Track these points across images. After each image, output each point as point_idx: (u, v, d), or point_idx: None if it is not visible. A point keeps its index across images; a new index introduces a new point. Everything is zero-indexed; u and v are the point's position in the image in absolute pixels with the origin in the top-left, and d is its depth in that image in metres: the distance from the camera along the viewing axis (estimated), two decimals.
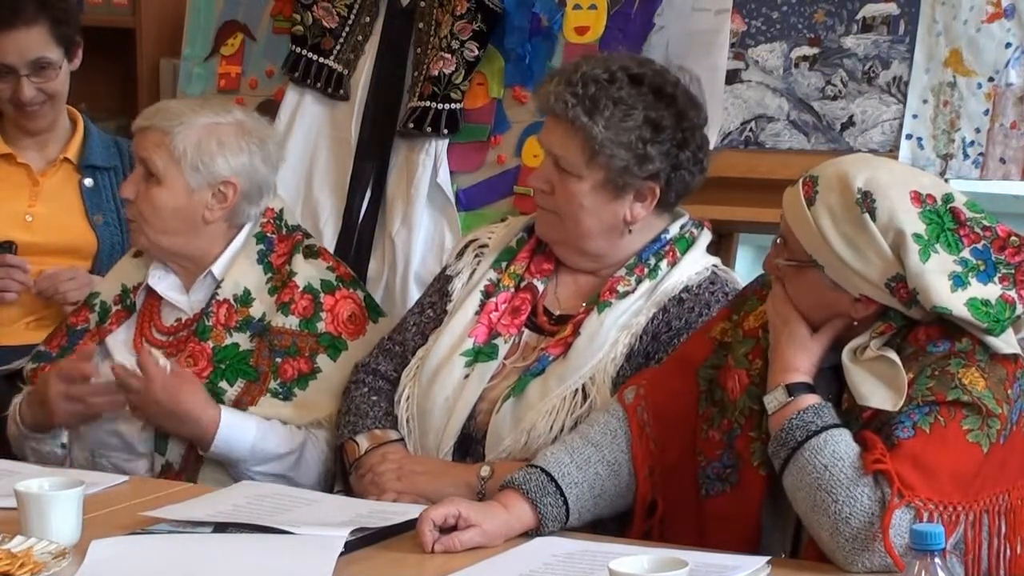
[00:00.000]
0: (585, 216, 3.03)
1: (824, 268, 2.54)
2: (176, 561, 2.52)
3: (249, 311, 3.28)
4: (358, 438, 3.11)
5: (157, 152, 3.27)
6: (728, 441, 2.68)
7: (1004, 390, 2.47)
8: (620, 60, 3.06)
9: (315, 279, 3.31)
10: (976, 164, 3.52)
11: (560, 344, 3.03)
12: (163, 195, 3.28)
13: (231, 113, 3.34)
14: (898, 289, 2.51)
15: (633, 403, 2.78)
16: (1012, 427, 2.48)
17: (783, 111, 3.71)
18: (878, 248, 2.50)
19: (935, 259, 2.49)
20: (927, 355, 2.50)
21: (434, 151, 3.94)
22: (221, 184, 3.27)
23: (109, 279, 3.48)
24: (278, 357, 3.25)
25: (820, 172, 2.57)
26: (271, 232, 3.36)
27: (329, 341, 3.27)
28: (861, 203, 2.50)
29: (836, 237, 2.51)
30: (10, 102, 3.95)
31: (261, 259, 3.33)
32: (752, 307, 2.74)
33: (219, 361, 3.24)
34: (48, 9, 3.92)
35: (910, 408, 2.46)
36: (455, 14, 3.94)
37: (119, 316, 3.38)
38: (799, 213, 2.55)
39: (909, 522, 2.39)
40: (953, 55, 3.56)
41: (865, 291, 2.53)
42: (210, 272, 3.32)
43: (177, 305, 3.35)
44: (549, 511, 2.65)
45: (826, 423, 2.48)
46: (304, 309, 3.28)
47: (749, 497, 2.64)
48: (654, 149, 2.99)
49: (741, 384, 2.68)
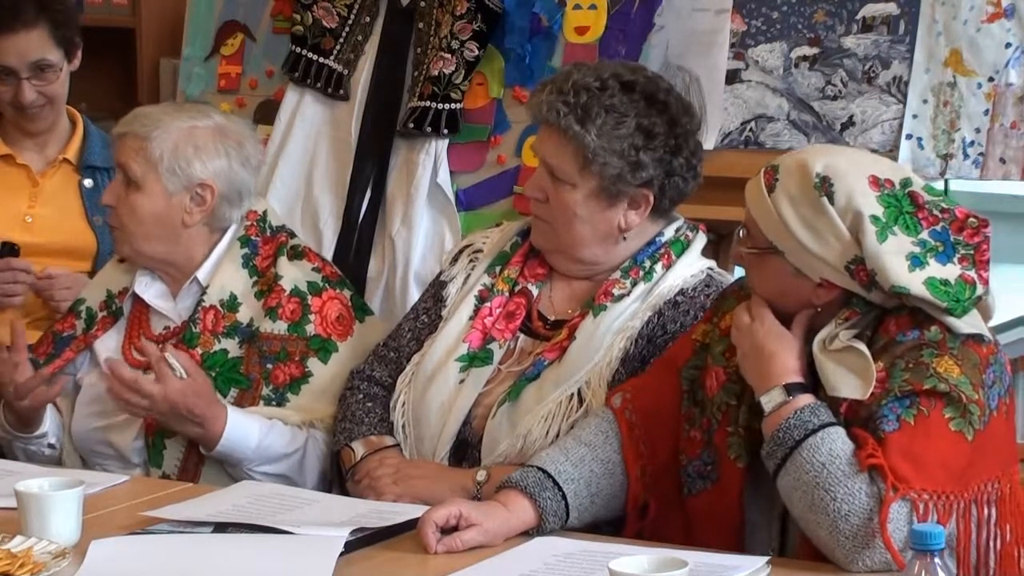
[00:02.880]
0: (579, 224, 3.03)
1: (785, 254, 2.56)
2: (176, 561, 2.52)
3: (236, 316, 3.27)
4: (354, 444, 3.11)
5: (135, 158, 3.26)
6: (707, 438, 2.69)
7: (979, 374, 2.48)
8: (612, 68, 3.06)
9: (301, 281, 3.30)
10: (976, 164, 3.52)
11: (555, 348, 3.03)
12: (142, 200, 3.26)
13: (209, 117, 3.33)
14: (857, 272, 2.53)
15: (621, 406, 2.79)
16: (991, 412, 2.49)
17: (783, 111, 3.71)
18: (836, 231, 2.52)
19: (892, 240, 2.51)
20: (897, 344, 2.52)
21: (434, 151, 3.94)
22: (198, 187, 3.26)
23: (94, 285, 3.47)
24: (269, 363, 3.24)
25: (781, 161, 2.61)
26: (255, 235, 3.35)
27: (319, 344, 3.26)
28: (819, 187, 2.53)
29: (796, 221, 2.54)
30: (10, 104, 3.95)
31: (246, 263, 3.32)
32: (730, 307, 2.75)
33: (209, 368, 3.22)
34: (48, 11, 3.92)
35: (890, 401, 2.47)
36: (455, 14, 3.94)
37: (105, 322, 3.37)
38: (760, 200, 2.58)
39: (906, 515, 2.40)
40: (953, 55, 3.56)
41: (826, 275, 2.55)
42: (195, 278, 3.31)
43: (165, 313, 3.34)
44: (549, 505, 2.65)
45: (823, 421, 2.49)
46: (292, 313, 3.26)
47: (729, 492, 2.65)
48: (647, 156, 2.99)
49: (718, 381, 2.69)
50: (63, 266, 3.90)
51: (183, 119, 3.29)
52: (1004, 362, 2.56)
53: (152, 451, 3.22)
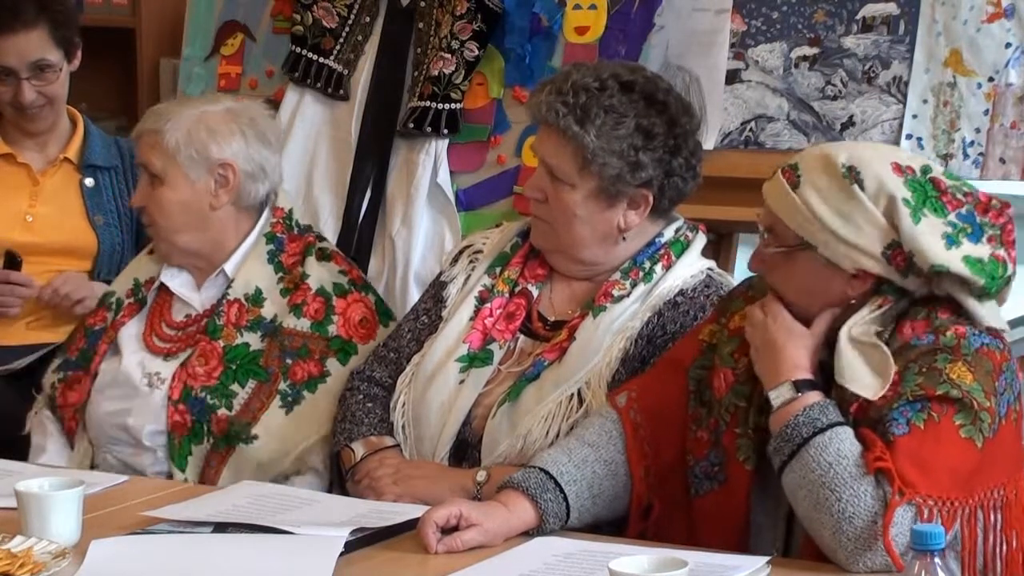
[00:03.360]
0: (579, 225, 3.03)
1: (817, 248, 2.55)
2: (176, 561, 2.52)
3: (260, 311, 3.31)
4: (354, 445, 3.11)
5: (153, 153, 3.31)
6: (715, 439, 2.69)
7: (992, 382, 2.48)
8: (611, 68, 3.06)
9: (327, 282, 3.34)
10: (976, 164, 3.52)
11: (555, 349, 3.03)
12: (167, 193, 3.31)
13: (219, 102, 3.41)
14: (894, 256, 2.53)
15: (625, 406, 2.78)
16: (1000, 420, 2.49)
17: (783, 111, 3.71)
18: (871, 217, 2.53)
19: (925, 222, 2.52)
20: (911, 348, 2.52)
21: (434, 151, 3.94)
22: (220, 168, 3.31)
23: (123, 276, 3.51)
24: (289, 358, 3.26)
25: (799, 159, 2.60)
26: (281, 232, 3.39)
27: (340, 345, 3.29)
28: (848, 176, 2.54)
29: (827, 212, 2.53)
30: (11, 105, 3.95)
31: (271, 259, 3.36)
32: (738, 308, 2.75)
33: (230, 361, 3.26)
34: (48, 11, 3.92)
35: (901, 404, 2.46)
36: (455, 14, 3.94)
37: (131, 309, 3.41)
38: (784, 198, 2.57)
39: (910, 520, 2.40)
40: (953, 55, 3.56)
41: (861, 263, 2.54)
42: (222, 270, 3.35)
43: (189, 302, 3.38)
44: (550, 507, 2.65)
45: (832, 420, 2.48)
46: (316, 312, 3.30)
47: (736, 493, 2.64)
48: (646, 156, 2.99)
49: (727, 382, 2.69)
50: (63, 266, 3.90)
51: (193, 108, 3.36)
52: (1015, 369, 2.55)
53: (178, 455, 3.24)
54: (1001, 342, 2.55)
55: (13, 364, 3.82)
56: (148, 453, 3.27)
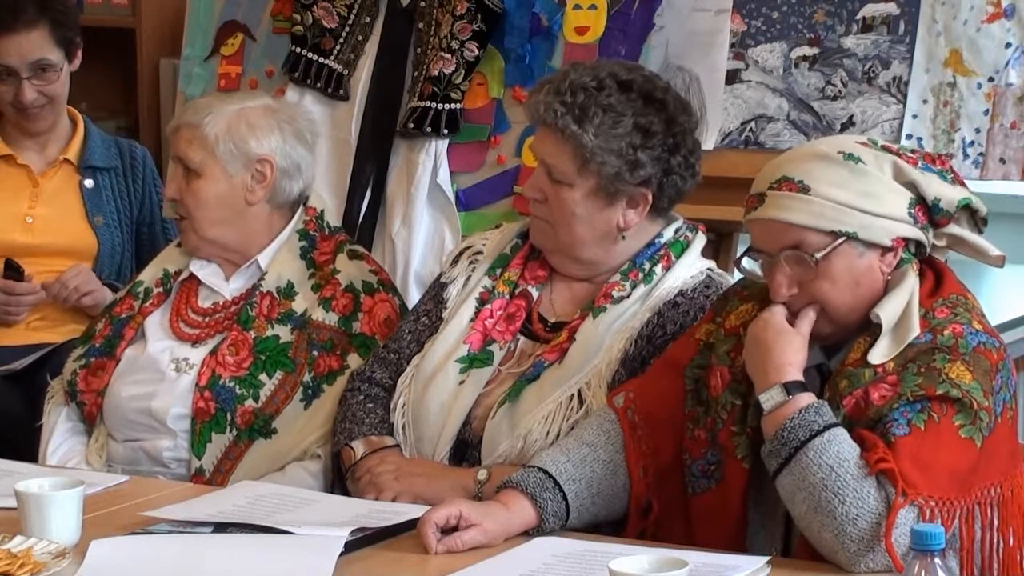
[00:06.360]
0: (578, 224, 3.03)
1: (857, 234, 2.55)
2: (176, 561, 2.52)
3: (291, 305, 3.33)
4: (354, 444, 3.11)
5: (191, 146, 3.33)
6: (712, 438, 2.69)
7: (990, 381, 2.49)
8: (609, 67, 3.06)
9: (357, 279, 3.36)
10: (976, 164, 3.52)
11: (556, 350, 3.03)
12: (204, 186, 3.33)
13: (258, 98, 3.44)
14: (918, 212, 2.58)
15: (623, 407, 2.78)
16: (997, 418, 2.50)
17: (783, 111, 3.71)
18: (888, 184, 2.57)
19: (922, 172, 2.59)
20: (909, 347, 2.52)
21: (434, 151, 3.94)
22: (257, 163, 3.33)
23: (152, 266, 3.50)
24: (315, 350, 3.29)
25: (785, 171, 2.58)
26: (313, 230, 3.42)
27: (362, 341, 3.31)
28: (849, 159, 2.57)
29: (853, 197, 2.55)
30: (11, 104, 3.96)
31: (304, 254, 3.39)
32: (734, 307, 2.75)
33: (259, 352, 3.28)
34: (48, 11, 3.93)
35: (901, 405, 2.46)
36: (455, 14, 3.94)
37: (159, 298, 3.42)
38: (804, 207, 2.55)
39: (912, 520, 2.40)
40: (953, 55, 3.57)
41: (897, 232, 2.57)
42: (255, 261, 3.37)
43: (217, 290, 3.39)
44: (549, 506, 2.65)
45: (827, 422, 2.48)
46: (344, 307, 3.33)
47: (733, 492, 2.64)
48: (645, 155, 2.99)
49: (723, 380, 2.68)
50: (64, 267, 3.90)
51: (233, 102, 3.39)
52: (1011, 367, 2.56)
53: (196, 443, 3.25)
54: (997, 340, 2.55)
55: (13, 364, 3.82)
56: (167, 437, 3.27)
